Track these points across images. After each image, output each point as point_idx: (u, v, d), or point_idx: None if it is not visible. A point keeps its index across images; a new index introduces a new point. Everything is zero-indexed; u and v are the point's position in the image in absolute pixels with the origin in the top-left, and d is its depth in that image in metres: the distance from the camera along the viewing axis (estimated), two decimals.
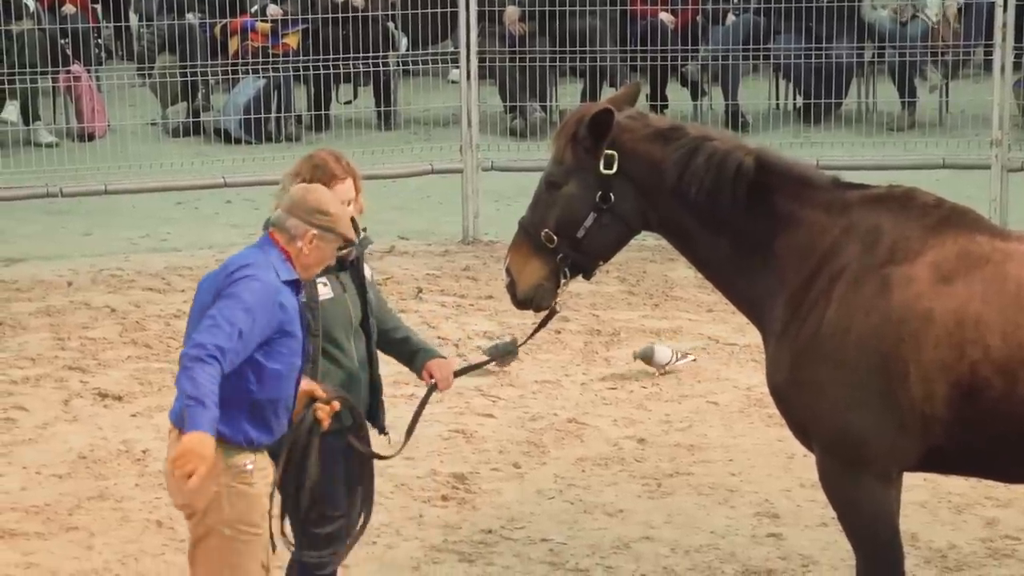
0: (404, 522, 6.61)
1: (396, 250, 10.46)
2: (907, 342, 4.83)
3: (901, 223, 4.96)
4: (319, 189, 5.01)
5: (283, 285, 4.78)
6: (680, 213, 5.11)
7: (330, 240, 4.87)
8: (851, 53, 12.00)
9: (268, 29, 12.19)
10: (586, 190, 5.13)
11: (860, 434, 4.91)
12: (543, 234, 5.18)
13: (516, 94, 12.16)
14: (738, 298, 5.24)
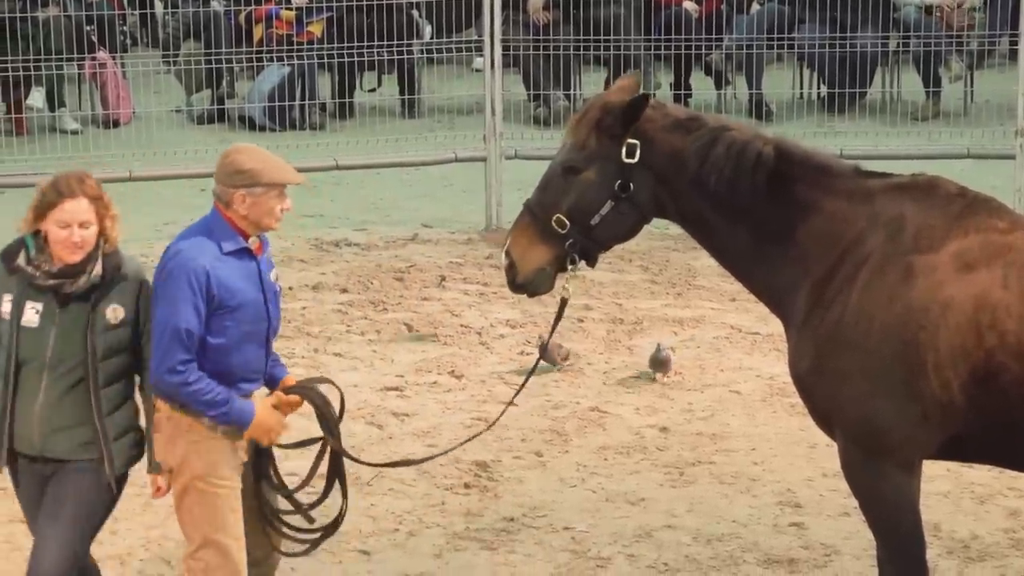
0: (426, 509, 6.62)
1: (419, 238, 10.47)
2: (928, 330, 4.83)
3: (924, 212, 4.96)
4: (235, 150, 5.10)
5: (219, 258, 4.90)
6: (699, 203, 5.10)
7: (261, 192, 4.97)
8: (875, 43, 11.96)
9: (293, 17, 12.21)
10: (606, 178, 5.12)
11: (882, 422, 4.91)
12: (555, 219, 5.14)
13: (540, 82, 12.16)
14: (758, 287, 5.23)
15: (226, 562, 5.01)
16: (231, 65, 12.16)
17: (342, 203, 11.27)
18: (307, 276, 9.66)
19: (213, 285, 4.88)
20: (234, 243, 4.96)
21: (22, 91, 11.73)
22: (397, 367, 8.27)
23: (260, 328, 5.00)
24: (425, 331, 8.77)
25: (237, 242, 4.97)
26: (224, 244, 4.95)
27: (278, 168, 5.03)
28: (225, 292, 4.90)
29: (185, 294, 4.85)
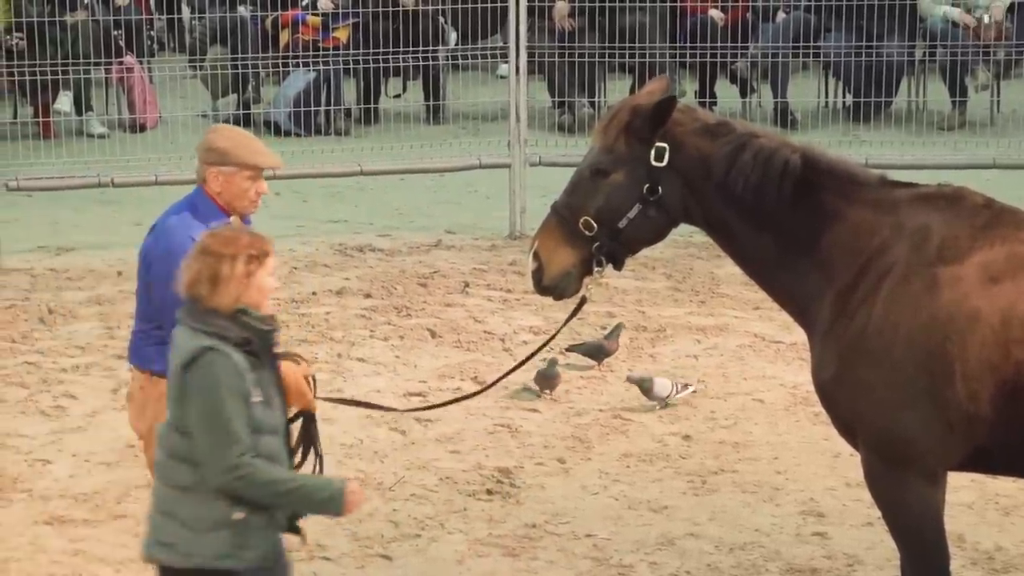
0: (448, 515, 6.64)
1: (443, 244, 10.49)
2: (954, 341, 4.82)
3: (950, 222, 4.95)
4: (213, 130, 5.23)
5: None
6: (725, 208, 5.11)
7: (230, 172, 5.05)
8: (901, 52, 11.95)
9: (318, 22, 12.27)
10: (635, 181, 5.12)
11: (906, 433, 4.90)
12: (582, 221, 5.16)
13: (565, 89, 12.18)
14: (782, 295, 5.23)
15: None
16: (257, 70, 12.22)
17: (366, 208, 11.31)
18: (331, 281, 9.70)
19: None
20: (218, 220, 5.09)
21: (50, 95, 11.80)
22: (420, 372, 8.29)
23: None
24: (448, 337, 8.80)
25: (220, 218, 5.10)
26: (209, 220, 5.07)
27: (249, 149, 5.13)
28: None
29: (176, 271, 4.93)
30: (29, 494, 6.86)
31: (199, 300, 4.38)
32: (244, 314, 4.36)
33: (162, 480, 4.44)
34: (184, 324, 4.41)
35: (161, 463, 4.45)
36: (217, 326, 4.35)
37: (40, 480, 6.97)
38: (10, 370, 8.24)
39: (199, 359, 4.33)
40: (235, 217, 5.16)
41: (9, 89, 11.93)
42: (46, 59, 11.13)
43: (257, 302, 4.39)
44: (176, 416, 4.39)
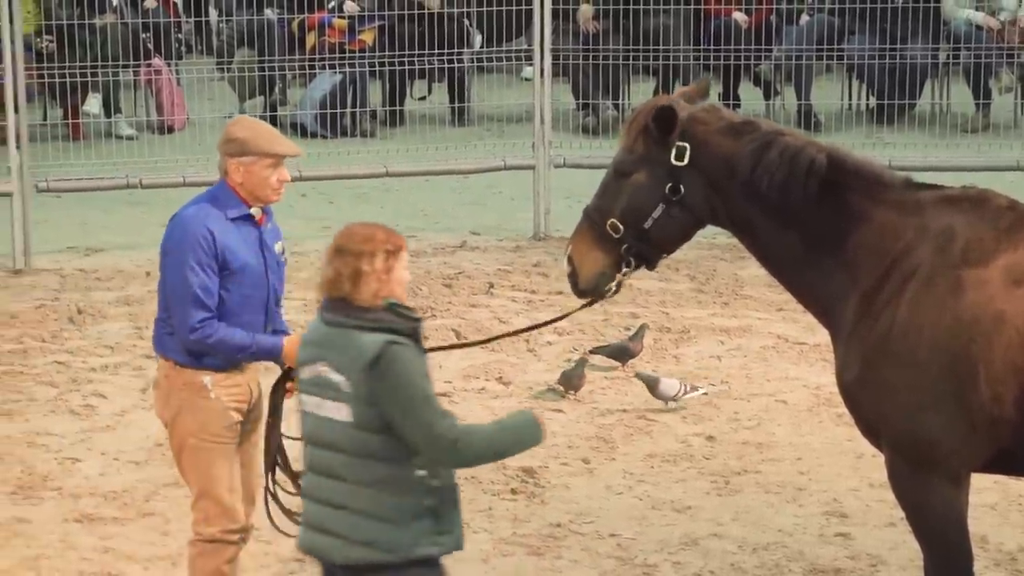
0: (474, 515, 6.65)
1: (467, 245, 10.53)
2: (978, 343, 4.83)
3: (974, 225, 4.97)
4: (233, 122, 5.33)
5: (224, 223, 5.10)
6: (750, 208, 5.11)
7: (251, 161, 5.12)
8: (925, 54, 11.95)
9: (345, 25, 12.30)
10: (656, 180, 5.15)
11: (930, 435, 4.92)
12: (609, 223, 5.20)
13: (589, 91, 12.20)
14: (806, 296, 5.24)
15: (224, 511, 5.28)
16: (283, 72, 12.26)
17: (392, 210, 11.34)
18: None
19: (219, 246, 5.11)
20: (238, 210, 5.18)
21: (79, 97, 11.85)
22: (445, 373, 8.32)
23: (259, 294, 5.22)
24: (473, 337, 8.83)
25: (241, 209, 5.18)
26: (229, 211, 5.17)
27: (268, 138, 5.20)
28: (229, 254, 5.13)
29: (197, 256, 5.08)
30: (59, 492, 6.92)
31: (343, 298, 4.45)
32: (397, 306, 4.46)
33: (350, 479, 4.41)
34: (342, 326, 4.43)
35: (345, 463, 4.41)
36: (383, 320, 4.42)
37: (70, 478, 7.03)
38: (40, 369, 8.31)
39: (386, 354, 4.35)
40: (256, 208, 5.22)
41: (39, 91, 11.98)
42: (75, 61, 11.20)
43: (399, 295, 4.48)
44: (362, 415, 4.37)
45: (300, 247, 10.36)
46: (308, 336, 4.57)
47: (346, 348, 4.41)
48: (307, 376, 4.50)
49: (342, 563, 4.45)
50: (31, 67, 10.85)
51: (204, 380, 5.19)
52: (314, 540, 4.51)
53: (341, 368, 4.40)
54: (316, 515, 4.51)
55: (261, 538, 6.04)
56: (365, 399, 4.37)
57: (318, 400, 4.46)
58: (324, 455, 4.47)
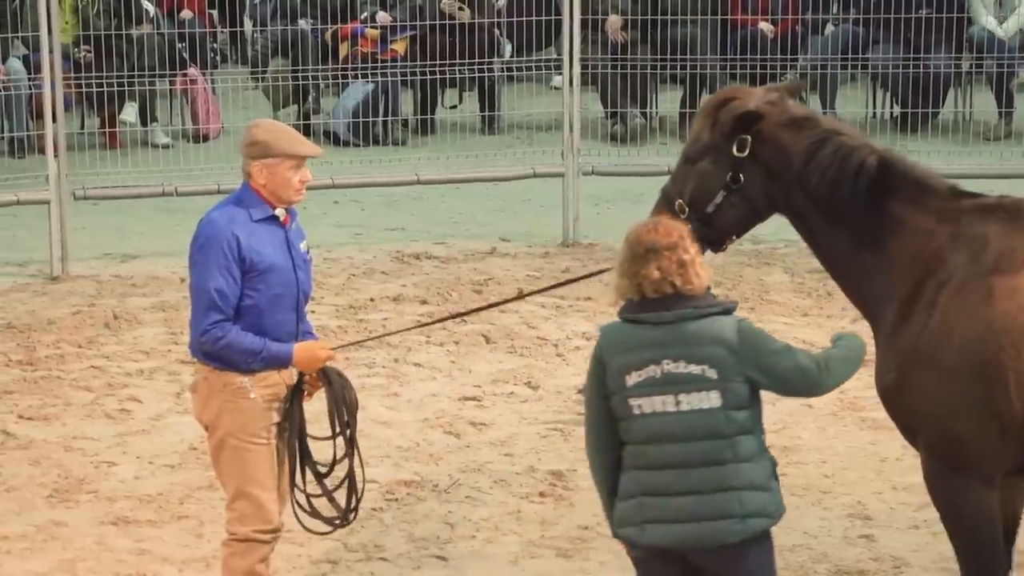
0: (503, 517, 6.73)
1: (497, 251, 10.58)
2: (1008, 351, 4.89)
3: (1008, 233, 5.02)
4: (254, 124, 5.39)
5: (249, 225, 5.17)
6: (804, 200, 5.22)
7: (273, 163, 5.20)
8: (948, 63, 11.98)
9: (377, 35, 12.37)
10: (718, 169, 5.27)
11: (962, 438, 4.98)
12: (677, 204, 5.32)
13: (617, 100, 12.25)
14: (853, 294, 5.34)
15: (258, 511, 5.34)
16: (317, 82, 12.35)
17: (423, 217, 11.42)
18: (388, 288, 9.82)
19: (244, 249, 5.18)
20: (262, 211, 5.26)
21: (116, 106, 11.93)
22: (475, 377, 8.40)
23: (290, 292, 5.29)
24: (502, 343, 8.92)
25: (265, 211, 5.26)
26: (253, 212, 5.24)
27: (289, 140, 5.28)
28: (256, 255, 5.20)
29: (219, 260, 5.14)
30: (95, 495, 6.98)
31: (675, 291, 4.58)
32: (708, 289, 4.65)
33: (731, 460, 4.57)
34: (684, 319, 4.55)
35: (724, 447, 4.57)
36: (718, 302, 4.64)
37: (105, 482, 7.11)
38: (76, 374, 8.39)
39: (742, 330, 4.59)
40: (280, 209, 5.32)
41: (76, 101, 12.07)
42: (112, 71, 11.24)
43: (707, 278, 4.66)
44: (732, 395, 4.55)
45: (333, 253, 10.47)
46: (624, 341, 4.59)
47: (698, 338, 4.54)
48: (644, 379, 4.55)
49: (738, 540, 4.60)
50: (69, 77, 10.94)
51: (244, 381, 5.26)
52: (689, 531, 4.59)
53: (697, 358, 4.53)
54: (685, 507, 4.58)
55: (294, 540, 6.14)
56: (734, 378, 4.54)
57: (669, 398, 4.55)
58: (697, 446, 4.56)
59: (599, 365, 4.62)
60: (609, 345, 4.59)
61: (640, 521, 4.63)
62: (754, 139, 5.22)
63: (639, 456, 4.60)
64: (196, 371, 5.42)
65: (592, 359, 4.66)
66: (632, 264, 4.56)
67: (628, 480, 4.64)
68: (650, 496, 4.60)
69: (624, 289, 4.60)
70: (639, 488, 4.62)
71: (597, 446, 4.68)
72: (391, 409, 8.00)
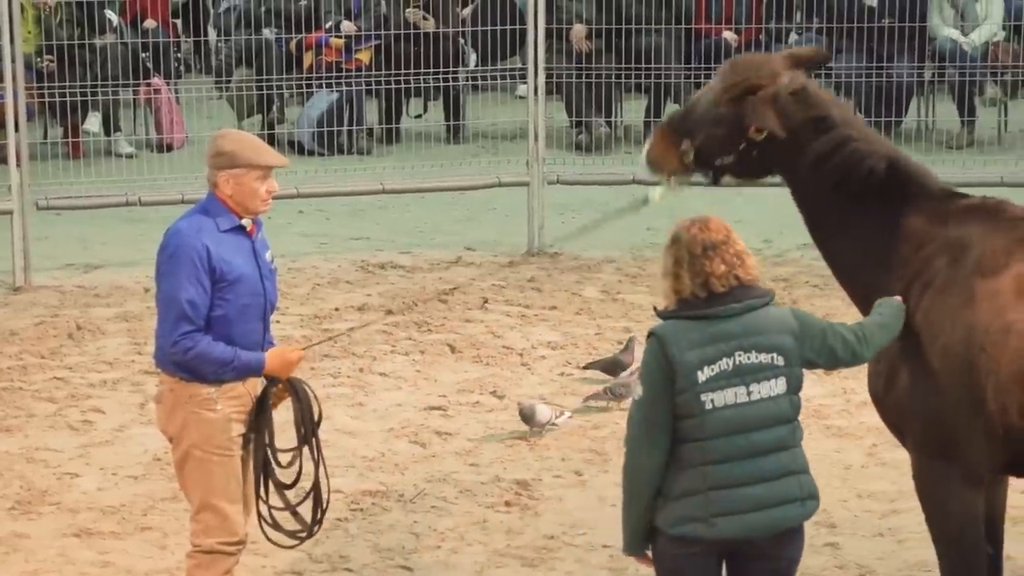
0: (468, 527, 6.73)
1: (462, 260, 10.58)
2: (988, 352, 4.95)
3: (989, 235, 5.09)
4: (219, 135, 5.39)
5: (217, 236, 5.18)
6: (812, 191, 5.30)
7: (240, 173, 5.21)
8: (911, 72, 12.07)
9: (341, 45, 12.37)
10: (733, 136, 5.32)
11: (949, 439, 5.05)
12: (684, 144, 5.39)
13: (582, 109, 12.29)
14: (852, 291, 5.42)
15: (224, 523, 5.33)
16: (281, 91, 12.34)
17: (388, 226, 11.42)
18: (353, 297, 9.81)
19: (214, 259, 5.18)
20: (229, 222, 5.26)
21: (79, 116, 11.90)
22: (440, 387, 8.40)
23: (257, 302, 5.30)
24: (468, 352, 8.92)
25: (232, 221, 5.26)
26: (220, 222, 5.24)
27: (256, 150, 5.29)
28: (225, 266, 5.20)
29: (188, 270, 5.14)
30: (58, 507, 6.95)
31: (737, 283, 4.65)
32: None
33: (791, 444, 4.71)
34: (750, 309, 4.64)
35: (791, 431, 4.71)
36: (768, 290, 4.74)
37: (68, 493, 7.08)
38: (39, 385, 8.36)
39: (796, 316, 4.74)
40: (247, 220, 5.32)
41: (39, 110, 12.03)
42: (75, 81, 11.23)
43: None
44: (793, 380, 4.67)
45: (297, 263, 10.45)
46: (694, 337, 4.60)
47: (767, 327, 4.63)
48: (716, 372, 4.59)
49: (798, 523, 4.74)
50: (31, 86, 10.91)
51: (210, 393, 5.25)
52: (759, 520, 4.64)
53: (766, 347, 4.62)
54: (754, 496, 4.63)
55: (258, 551, 6.12)
56: (796, 363, 4.66)
57: (741, 389, 4.61)
58: (767, 434, 4.64)
59: (666, 364, 4.60)
60: (678, 343, 4.59)
61: (708, 516, 4.64)
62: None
63: (707, 451, 4.62)
64: (161, 382, 5.40)
65: (654, 361, 4.63)
66: (693, 263, 4.62)
67: (690, 476, 4.63)
68: (719, 490, 4.62)
69: (686, 288, 4.63)
70: (706, 483, 4.62)
71: (654, 447, 4.64)
72: (356, 419, 7.99)
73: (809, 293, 9.55)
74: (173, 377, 5.30)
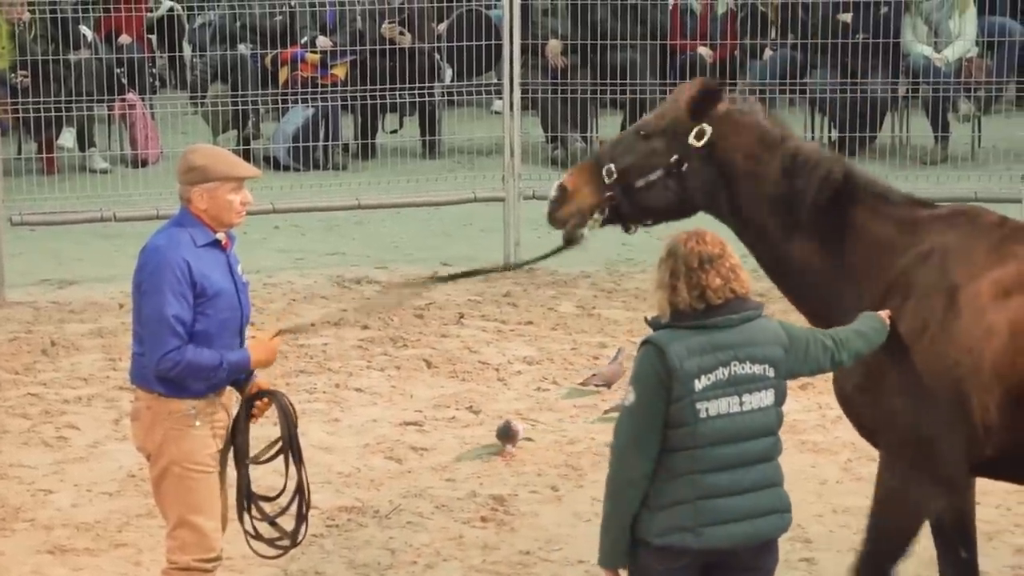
0: (444, 543, 6.73)
1: (438, 275, 10.60)
2: (972, 355, 5.04)
3: (966, 241, 5.17)
4: (190, 150, 5.40)
5: (195, 250, 5.18)
6: (758, 207, 5.30)
7: (214, 187, 5.21)
8: (885, 88, 12.14)
9: (317, 60, 12.40)
10: (666, 150, 5.31)
11: (927, 440, 5.12)
12: (606, 168, 5.36)
13: (557, 125, 12.33)
14: (803, 302, 5.45)
15: (200, 540, 5.32)
16: (257, 107, 12.35)
17: (363, 241, 11.43)
18: (329, 312, 9.81)
19: (195, 274, 5.19)
20: (205, 236, 5.26)
21: (53, 131, 11.89)
22: (416, 402, 8.40)
23: (235, 317, 5.31)
24: (444, 368, 8.92)
25: (207, 235, 5.26)
26: (196, 238, 5.24)
27: (228, 162, 5.30)
28: (205, 280, 5.21)
29: (171, 285, 5.14)
30: (32, 524, 6.92)
31: (733, 296, 4.66)
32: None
33: (775, 456, 4.74)
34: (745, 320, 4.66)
35: (775, 443, 4.74)
36: (758, 301, 4.75)
37: (42, 510, 7.05)
38: (13, 401, 8.33)
39: (786, 325, 4.77)
40: (222, 233, 5.33)
41: (13, 126, 12.03)
42: (50, 96, 11.24)
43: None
44: (780, 392, 4.68)
45: (273, 278, 10.44)
46: (693, 346, 4.61)
47: (762, 338, 4.66)
48: (712, 381, 4.60)
49: (778, 535, 4.78)
50: (5, 102, 10.93)
51: (189, 409, 5.24)
52: (745, 530, 4.67)
53: (760, 359, 4.64)
54: (741, 507, 4.64)
55: (234, 567, 6.11)
56: (784, 375, 4.69)
57: (734, 399, 4.62)
58: (755, 445, 4.65)
59: (664, 372, 4.61)
60: (677, 351, 4.61)
61: (695, 525, 4.64)
62: (716, 136, 5.28)
63: (697, 460, 4.63)
64: (137, 398, 5.39)
65: (651, 369, 4.63)
66: (690, 276, 4.64)
67: (679, 486, 4.64)
68: (708, 499, 4.63)
69: (683, 301, 4.65)
70: (695, 492, 4.63)
71: (642, 456, 4.64)
72: (332, 435, 7.98)
73: (785, 308, 9.56)
74: (151, 393, 5.29)
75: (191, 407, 5.25)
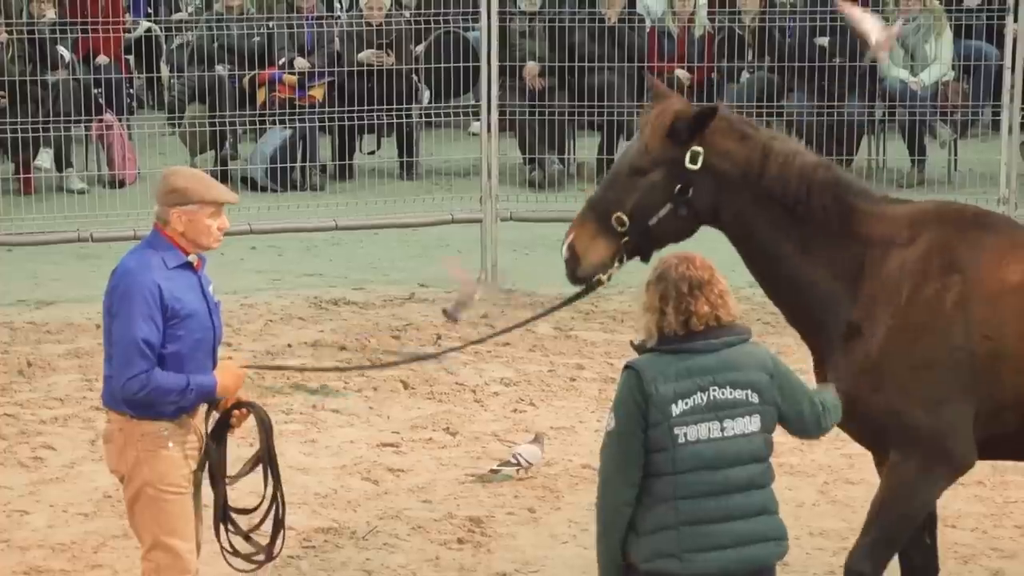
0: (421, 564, 6.72)
1: (416, 297, 10.60)
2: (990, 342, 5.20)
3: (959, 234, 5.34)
4: (171, 172, 5.42)
5: (166, 273, 5.19)
6: (757, 212, 5.36)
7: (193, 210, 5.23)
8: (862, 111, 12.21)
9: (295, 81, 12.41)
10: (667, 181, 5.35)
11: (942, 428, 5.25)
12: (615, 217, 5.39)
13: (535, 147, 12.35)
14: (794, 303, 5.49)
15: (175, 562, 5.31)
16: (234, 127, 12.34)
17: (341, 263, 11.42)
18: (306, 334, 9.80)
19: (166, 297, 5.19)
20: (176, 258, 5.27)
21: (31, 151, 11.88)
22: (393, 424, 8.40)
23: (207, 337, 5.32)
24: (421, 389, 8.92)
25: (179, 257, 5.28)
26: (168, 260, 5.25)
27: (207, 186, 5.32)
28: (177, 303, 5.21)
29: (141, 308, 5.14)
30: (7, 544, 6.90)
31: (716, 324, 4.66)
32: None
33: (765, 483, 4.71)
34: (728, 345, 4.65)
35: (763, 470, 4.70)
36: (747, 329, 4.74)
37: (18, 531, 7.03)
38: None
39: (772, 356, 4.76)
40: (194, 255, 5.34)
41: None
42: (27, 117, 11.23)
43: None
44: (768, 419, 4.67)
45: (250, 299, 10.43)
46: (669, 371, 4.62)
47: (744, 363, 4.65)
48: (690, 406, 4.60)
49: (772, 563, 4.73)
50: None
51: (162, 431, 5.24)
52: (733, 557, 4.64)
53: (742, 384, 4.63)
54: (729, 533, 4.62)
55: None
56: (771, 402, 4.66)
57: (715, 424, 4.61)
58: (740, 472, 4.63)
59: (641, 397, 4.63)
60: (653, 376, 4.63)
61: (680, 551, 4.64)
62: (707, 153, 5.32)
63: (679, 486, 4.62)
64: (110, 420, 5.38)
65: (628, 394, 4.65)
66: (679, 300, 4.64)
67: (662, 511, 4.64)
68: (691, 525, 4.63)
69: (669, 325, 4.66)
70: (678, 518, 4.62)
71: (625, 482, 4.65)
72: (309, 456, 7.97)
73: (761, 330, 9.60)
74: (122, 416, 5.29)
75: (163, 429, 5.25)
